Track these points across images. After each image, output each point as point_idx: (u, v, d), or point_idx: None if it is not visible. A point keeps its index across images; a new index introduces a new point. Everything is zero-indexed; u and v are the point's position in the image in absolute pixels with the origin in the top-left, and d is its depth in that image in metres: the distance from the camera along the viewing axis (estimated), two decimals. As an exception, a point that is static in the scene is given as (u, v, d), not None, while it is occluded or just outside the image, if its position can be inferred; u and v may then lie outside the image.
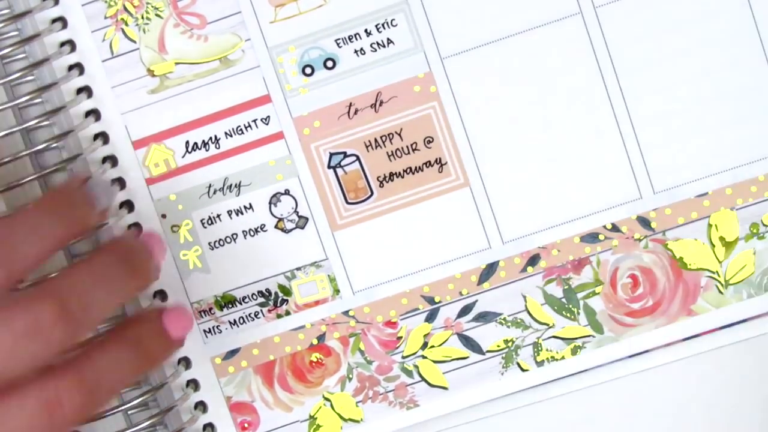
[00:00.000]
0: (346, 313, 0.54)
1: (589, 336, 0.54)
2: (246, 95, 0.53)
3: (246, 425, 0.55)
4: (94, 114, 0.53)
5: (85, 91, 0.53)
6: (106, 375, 0.47)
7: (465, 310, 0.54)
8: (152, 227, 0.53)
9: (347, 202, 0.53)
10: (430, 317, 0.54)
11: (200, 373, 0.54)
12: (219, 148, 0.53)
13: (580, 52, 0.53)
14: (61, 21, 0.52)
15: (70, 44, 0.52)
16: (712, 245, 0.53)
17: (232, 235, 0.54)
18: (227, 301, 0.54)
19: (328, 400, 0.54)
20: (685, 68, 0.52)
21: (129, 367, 0.49)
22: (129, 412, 0.55)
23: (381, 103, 0.53)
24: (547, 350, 0.54)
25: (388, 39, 0.53)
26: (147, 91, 0.53)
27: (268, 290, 0.54)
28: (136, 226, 0.54)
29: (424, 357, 0.54)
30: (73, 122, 0.53)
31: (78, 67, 0.53)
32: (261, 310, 0.54)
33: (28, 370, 0.44)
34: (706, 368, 0.54)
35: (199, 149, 0.53)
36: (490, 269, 0.54)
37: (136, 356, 0.50)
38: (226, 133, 0.53)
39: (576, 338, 0.54)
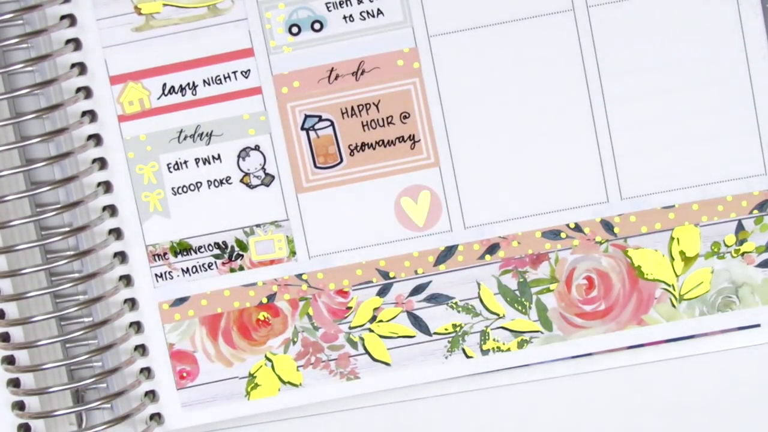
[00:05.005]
0: (299, 276, 0.54)
1: (537, 331, 0.54)
2: (229, 46, 0.53)
3: (184, 374, 0.54)
4: (74, 42, 0.53)
5: (69, 18, 0.52)
6: None
7: (418, 289, 0.54)
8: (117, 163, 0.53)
9: (315, 166, 0.53)
10: (383, 292, 0.54)
11: (145, 316, 0.54)
12: (195, 95, 0.53)
13: (567, 49, 0.52)
14: (54, -54, 0.52)
15: (60, -30, 0.52)
16: (672, 258, 0.53)
17: (197, 183, 0.53)
18: (183, 248, 0.54)
19: (269, 360, 0.54)
20: (668, 80, 0.52)
21: None
22: (67, 345, 0.54)
23: (363, 72, 0.53)
24: (494, 340, 0.54)
25: (378, 9, 0.52)
26: (131, 28, 0.53)
27: (224, 243, 0.53)
28: (101, 161, 0.53)
29: (370, 330, 0.54)
30: (53, 47, 0.52)
31: (66, -5, 0.52)
32: (215, 262, 0.54)
33: None
34: (648, 378, 0.55)
35: (176, 93, 0.53)
36: (449, 252, 0.53)
37: None
38: (204, 81, 0.53)
39: (524, 332, 0.54)
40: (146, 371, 0.54)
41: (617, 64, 0.52)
